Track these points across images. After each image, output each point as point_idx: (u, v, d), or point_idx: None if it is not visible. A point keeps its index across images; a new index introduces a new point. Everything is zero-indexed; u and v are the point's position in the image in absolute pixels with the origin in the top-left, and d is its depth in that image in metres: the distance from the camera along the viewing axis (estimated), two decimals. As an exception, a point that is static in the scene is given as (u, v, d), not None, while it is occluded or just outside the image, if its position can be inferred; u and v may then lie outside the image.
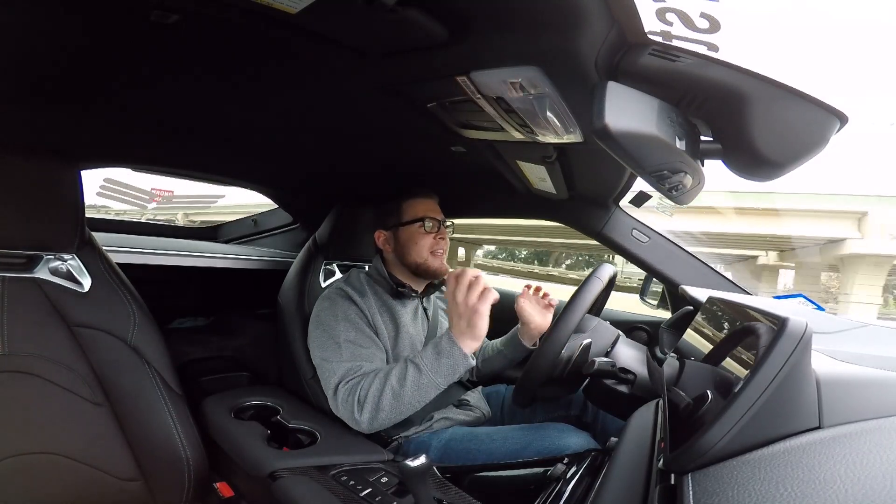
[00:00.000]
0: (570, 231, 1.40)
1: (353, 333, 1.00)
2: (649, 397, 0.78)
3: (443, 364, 0.88)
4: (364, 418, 0.90)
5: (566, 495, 0.68)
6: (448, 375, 0.89)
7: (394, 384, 0.89)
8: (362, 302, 1.04)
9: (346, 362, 0.96)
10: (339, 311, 1.02)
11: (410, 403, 0.89)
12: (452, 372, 0.89)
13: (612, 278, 0.95)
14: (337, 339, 0.99)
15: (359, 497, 0.78)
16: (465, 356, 0.88)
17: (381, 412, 0.89)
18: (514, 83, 0.64)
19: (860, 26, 0.50)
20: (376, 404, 0.89)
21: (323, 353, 1.00)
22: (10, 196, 0.83)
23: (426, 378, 0.88)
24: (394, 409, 0.89)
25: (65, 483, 0.86)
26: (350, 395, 0.92)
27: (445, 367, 0.88)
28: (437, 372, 0.88)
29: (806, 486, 0.32)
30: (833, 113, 0.50)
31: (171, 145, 1.21)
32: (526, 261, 27.00)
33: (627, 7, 0.46)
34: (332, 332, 1.00)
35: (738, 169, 0.57)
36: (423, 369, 0.89)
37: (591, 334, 0.90)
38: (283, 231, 1.96)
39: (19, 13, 0.58)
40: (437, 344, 0.90)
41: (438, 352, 0.89)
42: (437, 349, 0.89)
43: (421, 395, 0.89)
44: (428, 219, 1.09)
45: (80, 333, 0.89)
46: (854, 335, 0.79)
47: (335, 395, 0.94)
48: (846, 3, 0.47)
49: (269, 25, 0.58)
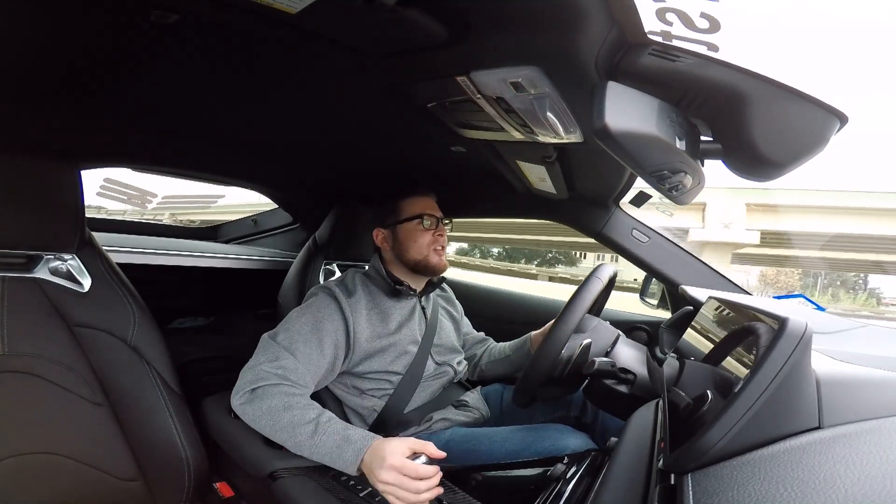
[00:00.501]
0: (547, 228, 1.41)
1: (307, 329, 0.95)
2: (649, 397, 0.78)
3: (331, 454, 0.77)
4: (244, 410, 0.84)
5: (566, 495, 0.68)
6: (323, 458, 0.78)
7: (285, 420, 0.80)
8: (346, 302, 1.01)
9: (278, 348, 0.90)
10: (313, 307, 0.99)
11: (278, 439, 0.82)
12: (331, 464, 0.78)
13: (612, 278, 0.95)
14: (290, 326, 0.95)
15: (358, 497, 0.78)
16: (350, 468, 0.75)
17: (256, 422, 0.83)
18: (514, 83, 0.64)
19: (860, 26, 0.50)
20: (258, 415, 0.82)
21: (275, 331, 0.96)
22: (10, 196, 0.83)
23: (308, 447, 0.78)
24: (266, 430, 0.82)
25: (65, 483, 0.86)
26: (253, 382, 0.85)
27: (329, 459, 0.77)
28: (319, 454, 0.78)
29: (806, 486, 0.32)
30: (833, 113, 0.50)
31: (171, 145, 1.21)
32: (500, 258, 27.20)
33: (627, 7, 0.47)
34: (293, 319, 0.97)
35: (738, 169, 0.57)
36: (316, 440, 0.78)
37: (591, 334, 0.90)
38: (283, 231, 1.96)
39: (20, 14, 0.58)
40: (350, 441, 0.77)
41: (341, 446, 0.77)
42: (343, 443, 0.77)
43: (291, 447, 0.80)
44: (426, 216, 1.09)
45: (80, 333, 0.89)
46: (854, 335, 0.79)
47: (245, 372, 0.88)
48: (846, 3, 0.47)
49: (269, 25, 0.58)
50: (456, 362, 1.17)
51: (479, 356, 1.26)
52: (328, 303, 1.01)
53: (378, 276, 1.11)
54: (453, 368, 1.15)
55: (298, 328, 0.95)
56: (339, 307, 1.00)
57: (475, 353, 1.27)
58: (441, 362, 1.13)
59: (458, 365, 1.17)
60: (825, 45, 0.48)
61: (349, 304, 1.01)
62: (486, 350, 1.27)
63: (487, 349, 1.27)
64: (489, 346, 1.28)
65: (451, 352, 1.17)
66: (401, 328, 1.06)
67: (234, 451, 0.96)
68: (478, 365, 1.25)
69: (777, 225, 16.02)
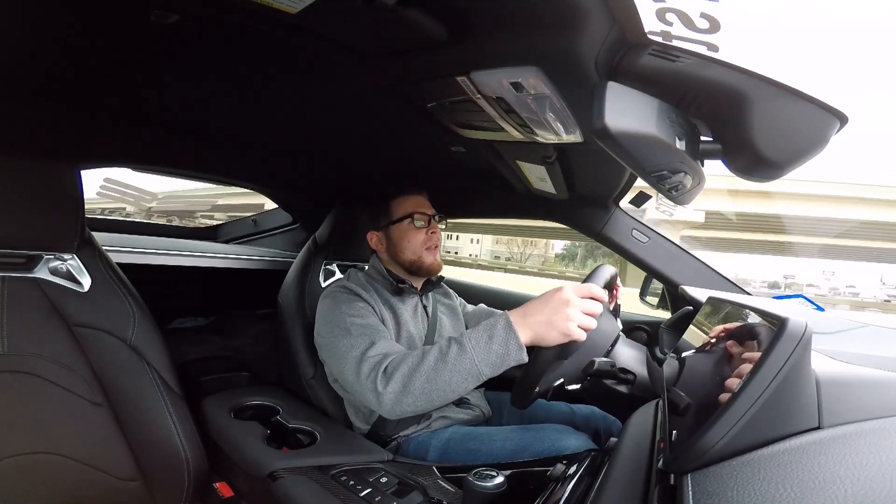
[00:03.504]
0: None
1: (360, 319, 0.96)
2: (649, 397, 0.78)
3: (493, 351, 0.76)
4: (388, 392, 0.80)
5: (566, 495, 0.68)
6: (495, 365, 0.77)
7: (430, 362, 0.78)
8: (367, 295, 1.03)
9: (360, 337, 0.90)
10: (342, 304, 1.00)
11: (444, 389, 0.78)
12: (501, 362, 0.76)
13: (612, 278, 0.95)
14: (344, 324, 0.95)
15: (358, 497, 0.78)
16: (521, 348, 0.76)
17: (408, 392, 0.79)
18: (514, 83, 0.64)
19: (860, 26, 0.50)
20: (405, 382, 0.79)
21: (333, 338, 0.96)
22: (10, 196, 0.83)
23: (468, 362, 0.76)
24: (424, 391, 0.78)
25: (65, 483, 0.86)
26: (374, 370, 0.83)
27: (495, 356, 0.76)
28: (484, 359, 0.76)
29: (806, 486, 0.32)
30: (833, 113, 0.50)
31: (171, 145, 1.21)
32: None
33: (627, 7, 0.46)
34: (338, 321, 0.97)
35: (738, 169, 0.57)
36: (469, 351, 0.77)
37: (591, 334, 0.90)
38: (283, 231, 1.96)
39: (20, 14, 0.58)
40: (492, 327, 0.77)
41: (491, 335, 0.76)
42: (491, 333, 0.77)
43: (459, 381, 0.77)
44: (417, 214, 1.09)
45: (79, 333, 0.89)
46: (854, 335, 0.79)
47: (358, 367, 0.85)
48: (846, 3, 0.47)
49: (269, 25, 0.58)
50: None
51: None
52: (351, 298, 1.02)
53: (379, 275, 1.11)
54: None
55: (352, 322, 0.95)
56: (363, 300, 1.02)
57: None
58: None
59: None
60: (825, 45, 0.48)
61: (369, 297, 1.03)
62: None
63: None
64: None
65: None
66: (408, 325, 1.07)
67: (233, 451, 0.96)
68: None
69: (720, 206, 17.27)
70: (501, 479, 0.67)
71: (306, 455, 0.91)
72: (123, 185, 2.38)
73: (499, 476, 0.68)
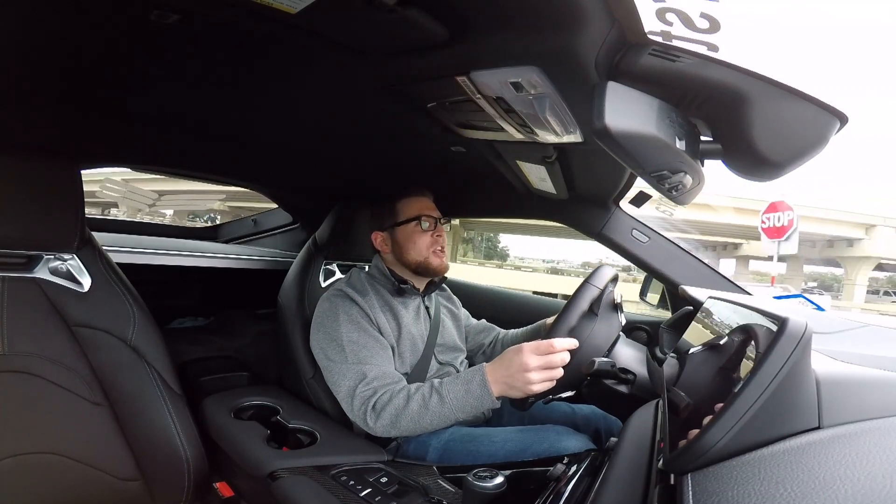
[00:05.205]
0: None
1: (356, 334, 0.99)
2: (649, 397, 0.78)
3: (469, 403, 0.86)
4: (378, 427, 0.90)
5: (566, 495, 0.68)
6: (471, 413, 0.88)
7: (414, 408, 0.88)
8: (363, 301, 1.03)
9: (353, 365, 0.95)
10: (340, 313, 1.01)
11: (427, 427, 0.90)
12: (476, 410, 0.87)
13: (612, 279, 0.95)
14: (339, 340, 0.98)
15: (358, 497, 0.78)
16: (494, 401, 0.86)
17: (397, 427, 0.90)
18: (514, 83, 0.64)
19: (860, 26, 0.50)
20: (393, 420, 0.89)
21: (327, 354, 1.00)
22: (9, 196, 0.83)
23: (448, 410, 0.87)
24: (410, 429, 0.89)
25: (65, 483, 0.86)
26: (364, 404, 0.92)
27: (470, 407, 0.87)
28: (461, 409, 0.87)
29: (806, 486, 0.32)
30: (833, 113, 0.50)
31: (171, 145, 1.21)
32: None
33: (627, 7, 0.46)
34: (334, 335, 0.99)
35: (738, 169, 0.57)
36: (448, 403, 0.87)
37: (591, 335, 0.90)
38: (283, 231, 1.96)
39: (20, 14, 0.58)
40: (468, 382, 0.87)
41: (468, 390, 0.87)
42: (468, 388, 0.87)
43: (440, 423, 0.89)
44: (424, 217, 1.09)
45: (79, 333, 0.89)
46: (854, 335, 0.79)
47: (350, 401, 0.94)
48: (846, 3, 0.47)
49: (269, 25, 0.58)
50: (458, 361, 1.17)
51: (489, 344, 1.26)
52: (349, 305, 1.03)
53: (382, 275, 1.11)
54: (455, 368, 1.15)
55: (348, 339, 0.98)
56: (359, 308, 1.02)
57: (481, 342, 1.27)
58: (444, 361, 1.13)
59: (460, 364, 1.17)
60: (825, 45, 0.48)
61: (365, 302, 1.04)
62: (497, 339, 1.27)
63: (497, 338, 1.27)
64: (499, 335, 1.28)
65: (454, 350, 1.17)
66: (409, 327, 1.07)
67: (233, 450, 0.96)
68: (489, 353, 1.25)
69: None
70: (501, 479, 0.68)
71: (306, 455, 0.91)
72: (123, 184, 2.39)
73: (499, 476, 0.68)
